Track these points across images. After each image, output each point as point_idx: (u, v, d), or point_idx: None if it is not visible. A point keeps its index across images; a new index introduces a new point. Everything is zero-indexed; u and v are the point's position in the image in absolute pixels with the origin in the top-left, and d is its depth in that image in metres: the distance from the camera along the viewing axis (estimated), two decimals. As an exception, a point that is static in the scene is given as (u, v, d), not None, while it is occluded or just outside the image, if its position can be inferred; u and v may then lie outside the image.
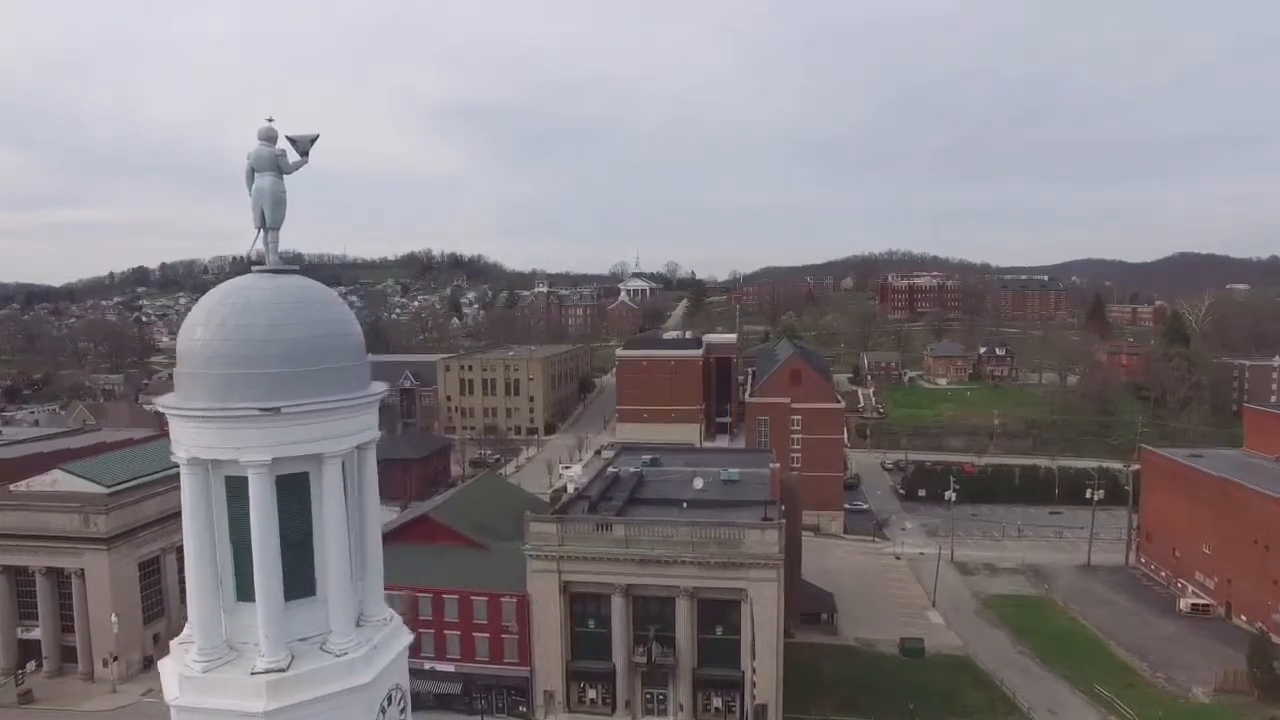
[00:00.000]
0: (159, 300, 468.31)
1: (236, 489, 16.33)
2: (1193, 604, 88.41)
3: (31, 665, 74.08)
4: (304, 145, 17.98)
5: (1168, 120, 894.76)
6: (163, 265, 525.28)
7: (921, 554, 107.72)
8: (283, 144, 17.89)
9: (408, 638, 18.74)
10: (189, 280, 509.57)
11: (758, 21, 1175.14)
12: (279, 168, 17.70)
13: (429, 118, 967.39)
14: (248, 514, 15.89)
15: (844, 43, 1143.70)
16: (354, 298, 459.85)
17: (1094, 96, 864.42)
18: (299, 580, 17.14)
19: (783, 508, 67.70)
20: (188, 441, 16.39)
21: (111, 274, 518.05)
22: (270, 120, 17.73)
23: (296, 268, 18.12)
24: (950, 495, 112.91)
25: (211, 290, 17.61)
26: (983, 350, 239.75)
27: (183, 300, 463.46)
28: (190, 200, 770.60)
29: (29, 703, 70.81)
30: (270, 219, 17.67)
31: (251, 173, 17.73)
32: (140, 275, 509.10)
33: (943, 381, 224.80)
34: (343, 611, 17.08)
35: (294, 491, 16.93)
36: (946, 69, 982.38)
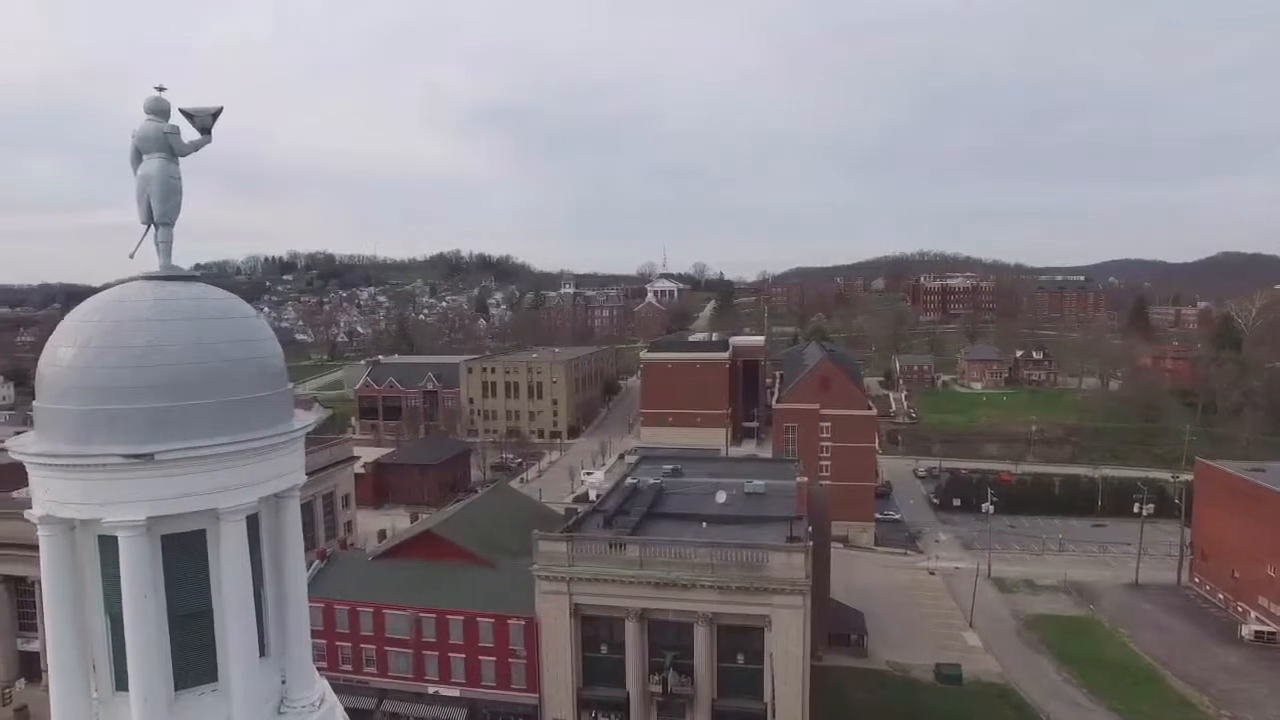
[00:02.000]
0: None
1: (113, 551, 12.74)
2: (1257, 631, 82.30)
3: (21, 682, 72.11)
4: (204, 120, 14.26)
5: (1205, 117, 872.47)
6: (196, 266, 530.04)
7: (957, 568, 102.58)
8: (177, 119, 14.42)
9: (341, 720, 15.20)
10: (222, 280, 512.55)
11: (787, 18, 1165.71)
12: (171, 148, 14.03)
13: (459, 119, 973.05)
14: None
15: (874, 39, 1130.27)
16: (382, 298, 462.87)
17: (1128, 93, 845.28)
18: (194, 664, 13.47)
19: (810, 527, 63.37)
20: (42, 495, 12.86)
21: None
22: (160, 90, 14.00)
23: (196, 273, 14.50)
24: (988, 507, 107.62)
25: (86, 300, 14.05)
26: (1019, 353, 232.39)
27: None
28: (223, 201, 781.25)
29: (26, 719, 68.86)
30: (159, 213, 13.97)
31: (138, 154, 14.15)
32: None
33: (977, 385, 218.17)
34: (250, 701, 13.39)
35: (185, 553, 13.26)
36: (979, 65, 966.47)
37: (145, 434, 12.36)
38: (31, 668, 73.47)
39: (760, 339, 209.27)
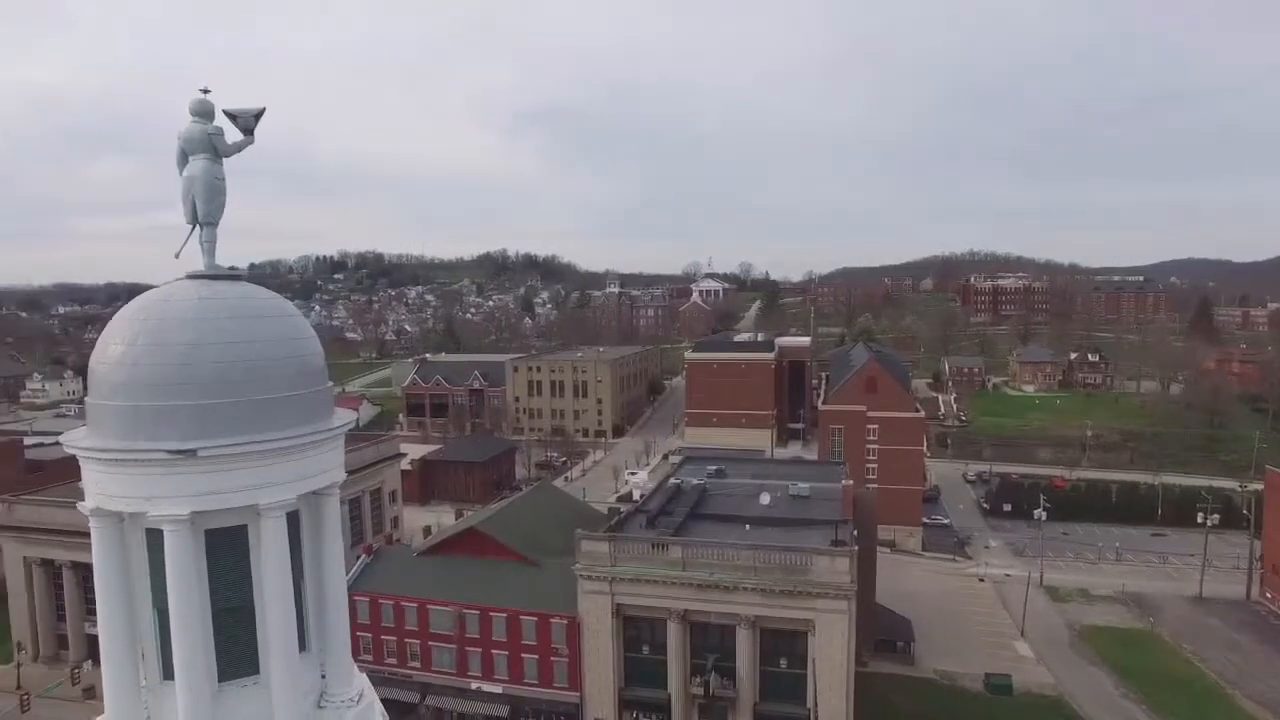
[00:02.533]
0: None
1: (160, 544, 12.95)
2: (1332, 649, 78.57)
3: (89, 664, 74.58)
4: (247, 122, 14.40)
5: (1275, 109, 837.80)
6: (251, 265, 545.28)
7: (1007, 576, 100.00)
8: (222, 121, 14.59)
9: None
10: (274, 280, 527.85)
11: (831, 13, 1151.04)
12: (215, 149, 14.21)
13: (507, 120, 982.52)
14: None
15: (922, 34, 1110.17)
16: (430, 297, 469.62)
17: (1185, 88, 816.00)
18: (237, 657, 13.63)
19: (855, 531, 62.33)
20: (93, 488, 13.13)
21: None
22: (205, 92, 14.18)
23: (240, 272, 14.67)
24: (1040, 514, 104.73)
25: (135, 299, 14.30)
26: (1074, 356, 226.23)
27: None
28: (278, 202, 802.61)
29: (93, 698, 71.32)
30: (204, 213, 14.15)
31: (184, 156, 14.35)
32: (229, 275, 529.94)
33: (1030, 388, 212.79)
34: (290, 695, 13.49)
35: (228, 548, 13.43)
36: (1030, 57, 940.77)
37: (189, 430, 12.51)
38: (98, 651, 76.12)
39: (806, 339, 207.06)
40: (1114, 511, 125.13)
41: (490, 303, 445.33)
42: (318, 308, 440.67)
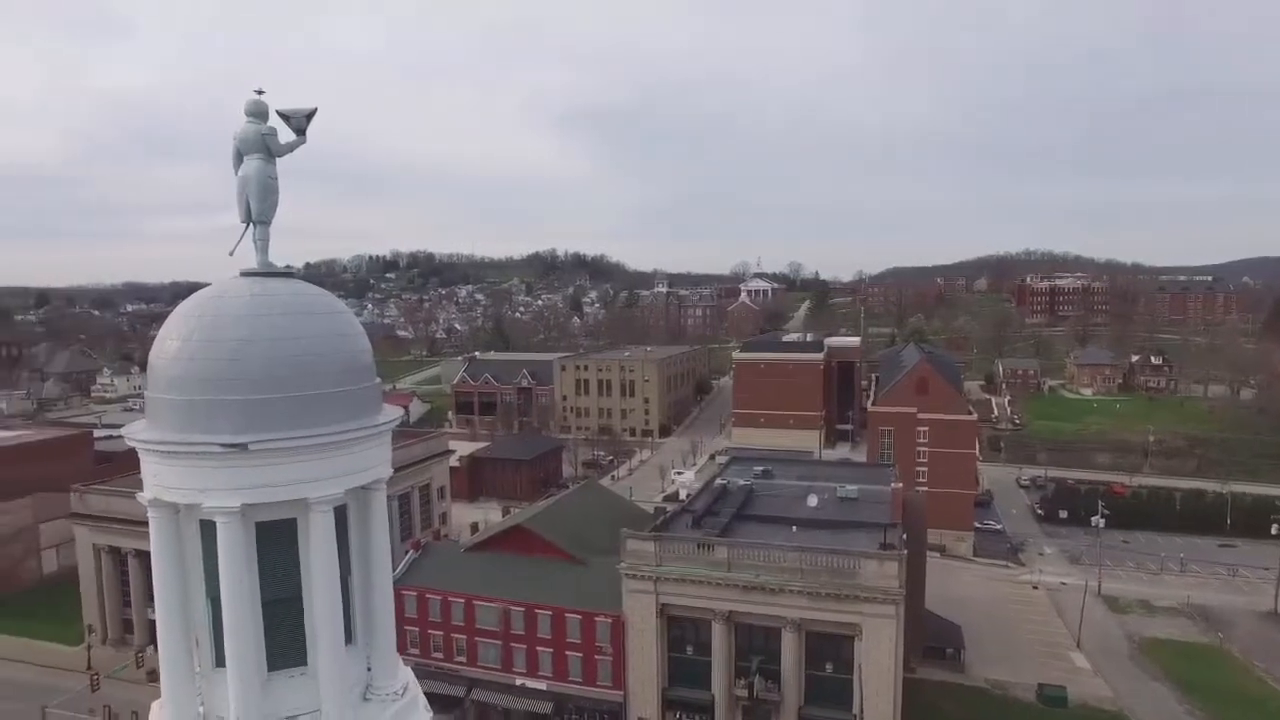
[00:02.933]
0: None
1: (213, 535, 13.29)
2: None
3: (152, 648, 77.17)
4: (299, 122, 14.69)
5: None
6: (306, 265, 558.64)
7: (1063, 584, 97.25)
8: (275, 121, 14.91)
9: (423, 716, 15.38)
10: (329, 279, 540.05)
11: (885, 10, 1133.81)
12: (268, 149, 14.52)
13: (557, 120, 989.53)
14: None
15: (976, 28, 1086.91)
16: (480, 296, 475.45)
17: (1254, 77, 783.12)
18: (285, 647, 13.92)
19: (904, 535, 61.25)
20: (151, 479, 13.53)
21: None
22: (259, 93, 14.51)
23: (292, 270, 14.95)
24: (1098, 520, 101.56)
25: (191, 295, 14.70)
26: (1135, 358, 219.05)
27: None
28: (333, 202, 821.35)
29: (156, 681, 73.82)
30: (257, 211, 14.47)
31: (239, 156, 14.71)
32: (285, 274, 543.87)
33: (1088, 391, 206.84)
34: (337, 686, 13.74)
35: (277, 541, 13.71)
36: (1089, 49, 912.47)
37: (240, 425, 12.80)
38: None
39: (856, 340, 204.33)
40: (1178, 520, 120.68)
41: (539, 302, 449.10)
42: (370, 306, 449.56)
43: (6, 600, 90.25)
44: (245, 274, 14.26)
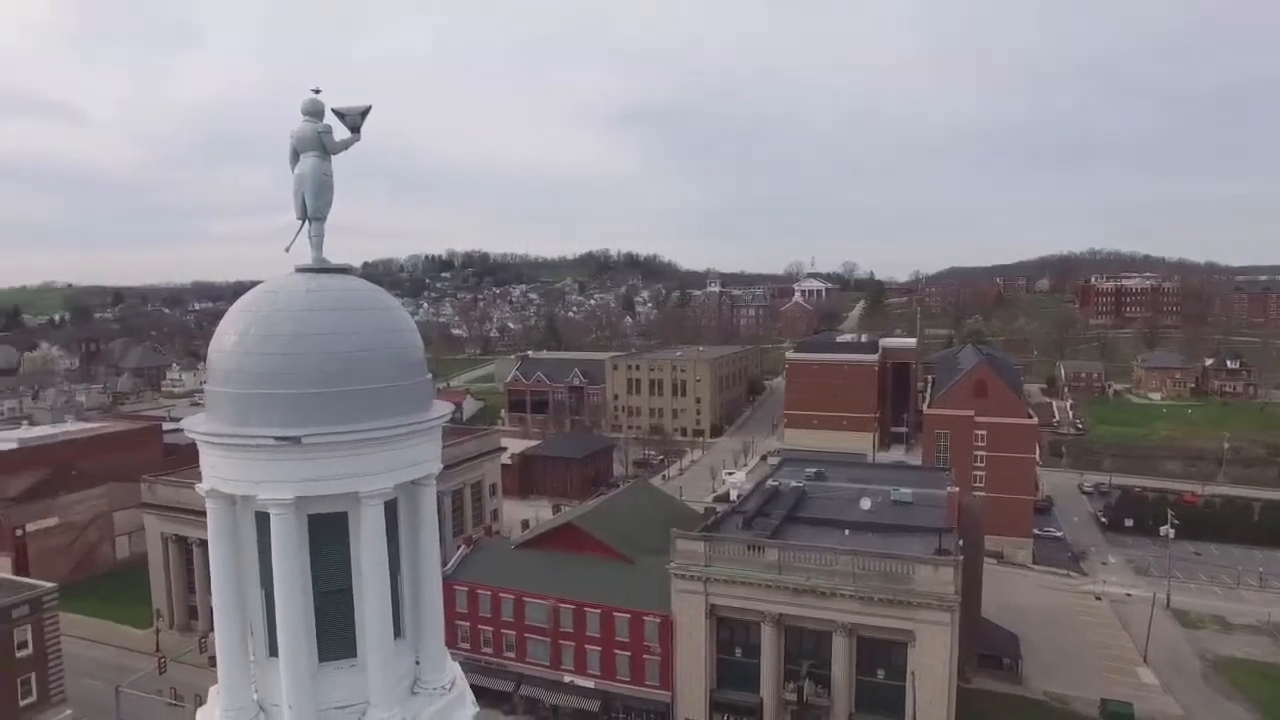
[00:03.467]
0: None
1: (267, 526, 13.54)
2: None
3: (213, 635, 79.76)
4: (354, 120, 14.89)
5: None
6: (364, 264, 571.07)
7: (1128, 596, 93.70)
8: (330, 119, 15.12)
9: (470, 710, 15.44)
10: (386, 278, 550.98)
11: (941, 2, 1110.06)
12: (324, 147, 14.73)
13: (610, 120, 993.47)
14: None
15: (1039, 15, 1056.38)
16: (533, 295, 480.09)
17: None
18: (336, 639, 14.10)
19: (960, 541, 59.80)
20: (209, 470, 13.84)
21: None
22: (316, 92, 14.75)
23: (346, 266, 15.14)
24: (1168, 530, 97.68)
25: (249, 290, 15.01)
26: (1208, 362, 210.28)
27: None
28: (391, 203, 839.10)
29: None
30: (313, 208, 14.69)
31: (295, 154, 14.96)
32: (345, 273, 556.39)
33: (1156, 396, 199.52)
34: (385, 679, 13.87)
35: (330, 533, 13.91)
36: (1156, 39, 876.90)
37: (294, 418, 12.98)
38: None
39: (912, 341, 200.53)
40: (1257, 532, 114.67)
41: (592, 301, 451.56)
42: (425, 305, 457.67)
43: (85, 584, 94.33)
44: (300, 270, 14.49)
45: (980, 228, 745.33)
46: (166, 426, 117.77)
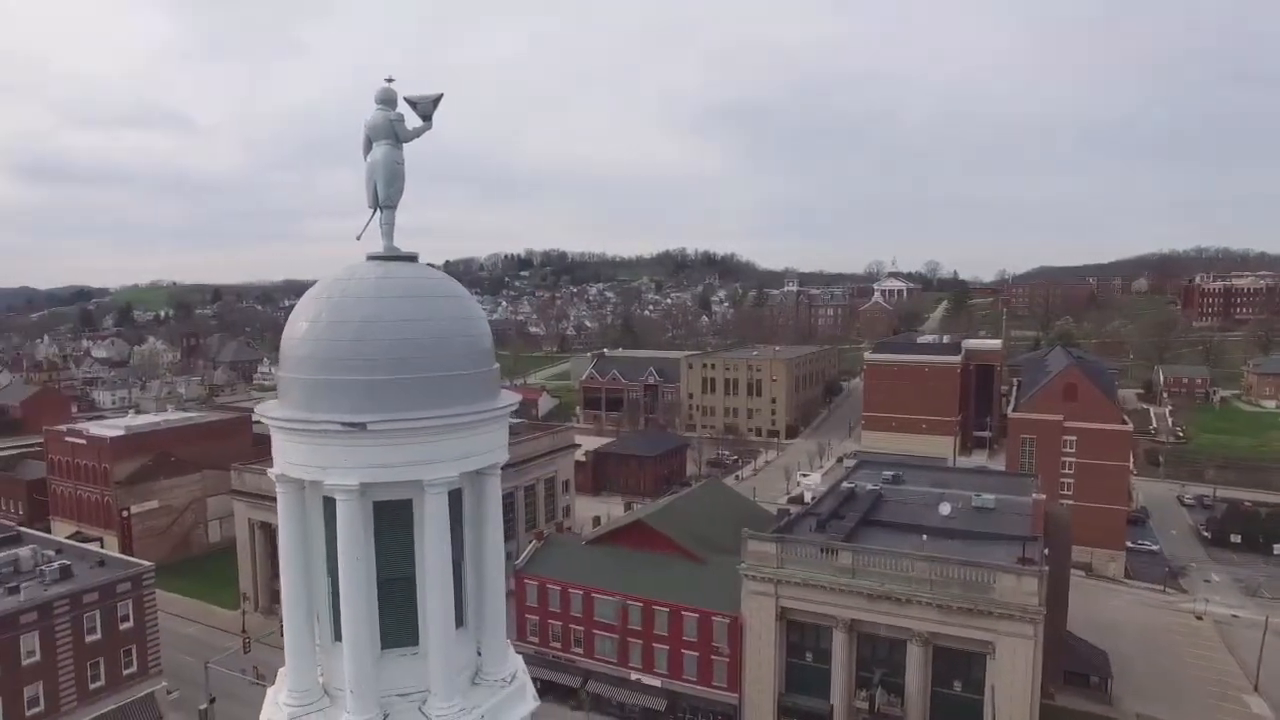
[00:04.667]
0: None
1: (334, 512, 13.71)
2: None
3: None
4: (425, 108, 14.96)
5: None
6: (446, 263, 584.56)
7: (1235, 617, 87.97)
8: (403, 108, 15.20)
9: (530, 704, 15.32)
10: (466, 276, 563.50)
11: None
12: (396, 135, 14.83)
13: (692, 119, 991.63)
14: None
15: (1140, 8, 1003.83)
16: (610, 294, 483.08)
17: None
18: (398, 626, 14.15)
19: (1045, 550, 57.13)
20: (280, 455, 14.08)
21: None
22: (389, 81, 14.89)
23: (414, 253, 15.20)
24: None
25: (322, 278, 15.24)
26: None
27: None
28: (474, 203, 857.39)
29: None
30: (384, 196, 14.83)
31: (369, 142, 15.13)
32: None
33: (1270, 404, 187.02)
34: (445, 668, 13.82)
35: (395, 521, 13.97)
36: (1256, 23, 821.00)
37: (361, 405, 13.07)
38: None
39: (997, 343, 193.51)
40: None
41: (668, 300, 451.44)
42: (504, 303, 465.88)
43: (180, 565, 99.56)
44: (371, 258, 14.61)
45: (1073, 226, 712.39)
46: (255, 417, 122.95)
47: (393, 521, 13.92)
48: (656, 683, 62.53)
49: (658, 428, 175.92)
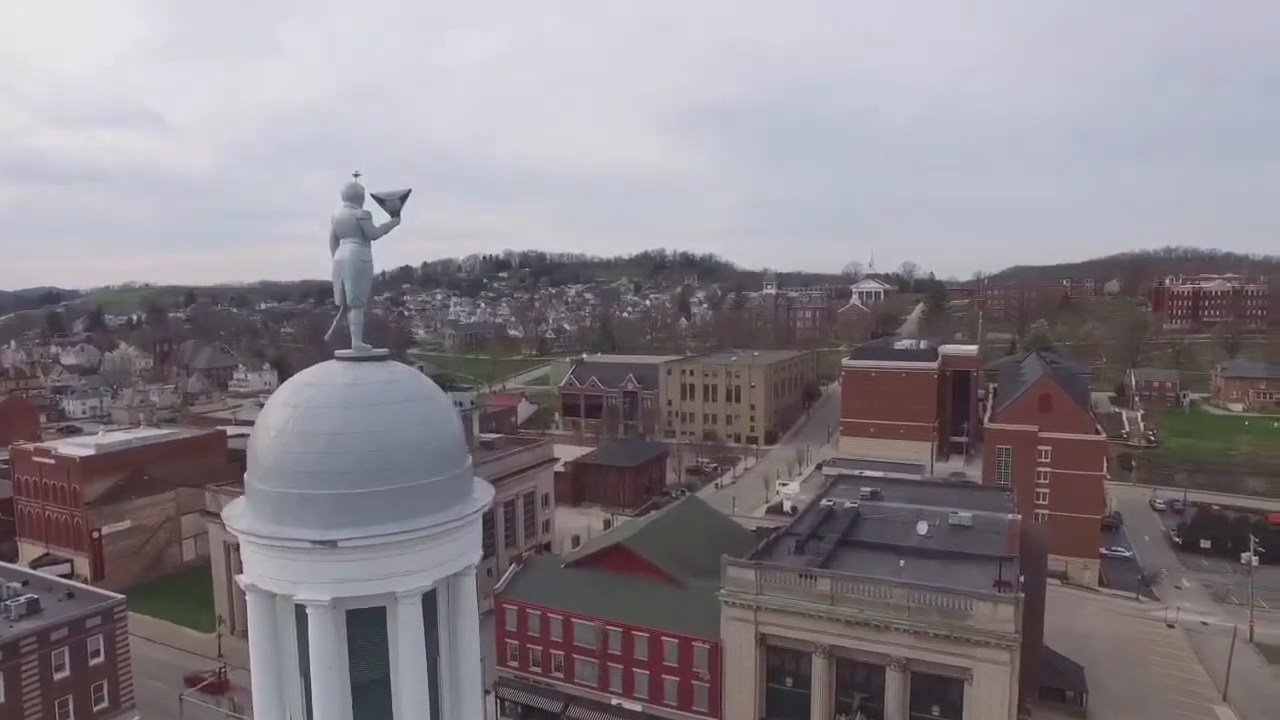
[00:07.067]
0: (420, 296, 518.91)
1: (306, 618, 13.53)
2: None
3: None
4: (394, 204, 14.85)
5: None
6: (424, 264, 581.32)
7: (1205, 625, 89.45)
8: (370, 204, 15.06)
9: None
10: (445, 277, 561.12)
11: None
12: (363, 233, 14.71)
13: (672, 120, 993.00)
14: None
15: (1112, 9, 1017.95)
16: (588, 295, 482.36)
17: None
18: (373, 729, 14.09)
19: (1022, 576, 57.57)
20: (250, 566, 13.89)
21: (383, 273, 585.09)
22: (356, 176, 14.76)
23: (384, 352, 14.98)
24: (1251, 558, 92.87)
25: (289, 380, 15.01)
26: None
27: (438, 296, 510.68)
28: (454, 203, 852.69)
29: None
30: (352, 296, 14.69)
31: (335, 240, 14.94)
32: (405, 274, 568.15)
33: (1237, 407, 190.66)
34: (427, 768, 13.77)
35: (368, 627, 13.83)
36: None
37: (331, 519, 12.91)
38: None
39: (973, 348, 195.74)
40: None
41: (647, 302, 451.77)
42: (482, 305, 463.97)
43: (153, 584, 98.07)
44: (340, 357, 14.44)
45: (1046, 225, 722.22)
46: (230, 432, 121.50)
47: (366, 628, 13.78)
48: (638, 707, 62.40)
49: (637, 436, 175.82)
